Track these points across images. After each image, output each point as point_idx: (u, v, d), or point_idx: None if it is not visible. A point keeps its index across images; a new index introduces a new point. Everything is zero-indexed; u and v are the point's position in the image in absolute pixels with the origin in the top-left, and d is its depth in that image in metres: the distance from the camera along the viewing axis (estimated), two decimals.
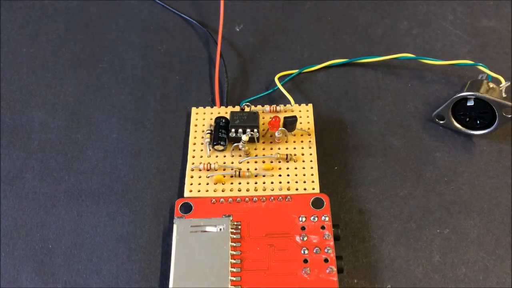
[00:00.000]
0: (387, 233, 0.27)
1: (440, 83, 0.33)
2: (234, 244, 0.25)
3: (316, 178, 0.27)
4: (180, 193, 0.28)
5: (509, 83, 0.29)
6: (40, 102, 0.32)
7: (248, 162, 0.28)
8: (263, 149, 0.29)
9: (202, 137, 0.29)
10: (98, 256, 0.26)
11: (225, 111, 0.30)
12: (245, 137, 0.28)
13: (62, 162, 0.30)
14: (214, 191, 0.27)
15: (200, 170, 0.28)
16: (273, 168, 0.28)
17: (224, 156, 0.28)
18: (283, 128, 0.28)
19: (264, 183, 0.27)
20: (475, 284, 0.25)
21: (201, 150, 0.29)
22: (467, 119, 0.29)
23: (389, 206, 0.27)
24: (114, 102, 0.32)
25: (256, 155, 0.28)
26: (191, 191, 0.27)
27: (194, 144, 0.29)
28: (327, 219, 0.25)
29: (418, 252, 0.26)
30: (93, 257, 0.26)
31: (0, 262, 0.26)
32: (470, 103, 0.28)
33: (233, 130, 0.28)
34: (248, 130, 0.28)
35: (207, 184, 0.27)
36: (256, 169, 0.28)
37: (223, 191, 0.27)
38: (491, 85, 0.28)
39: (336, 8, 0.37)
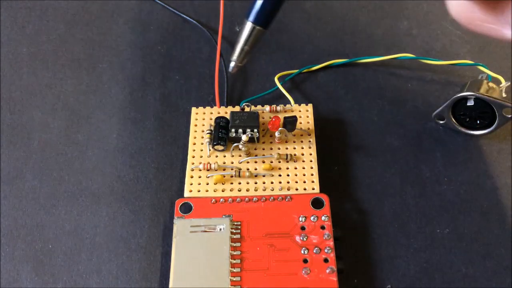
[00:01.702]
0: (387, 233, 0.27)
1: (440, 83, 0.33)
2: (234, 244, 0.25)
3: (316, 178, 0.27)
4: (180, 193, 0.28)
5: (509, 83, 0.29)
6: (40, 102, 0.32)
7: (248, 162, 0.28)
8: (263, 149, 0.29)
9: (202, 137, 0.29)
10: (98, 256, 0.26)
11: (225, 111, 0.30)
12: (245, 137, 0.28)
13: (62, 162, 0.30)
14: (214, 191, 0.27)
15: (200, 170, 0.28)
16: (273, 168, 0.28)
17: (224, 156, 0.28)
18: (283, 128, 0.28)
19: (264, 183, 0.27)
20: (475, 284, 0.25)
21: (201, 150, 0.29)
22: (467, 119, 0.29)
23: (389, 206, 0.27)
24: (114, 102, 0.32)
25: (256, 155, 0.28)
26: (191, 191, 0.27)
27: (194, 144, 0.29)
28: (327, 219, 0.25)
29: (418, 252, 0.26)
30: (93, 257, 0.26)
31: (0, 262, 0.26)
32: (470, 103, 0.28)
33: (233, 130, 0.28)
34: (248, 130, 0.28)
35: (207, 184, 0.27)
36: (256, 169, 0.28)
37: (223, 191, 0.27)
38: (491, 85, 0.28)
39: (336, 8, 0.37)
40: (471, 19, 0.17)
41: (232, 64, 0.24)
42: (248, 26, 0.23)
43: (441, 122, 0.30)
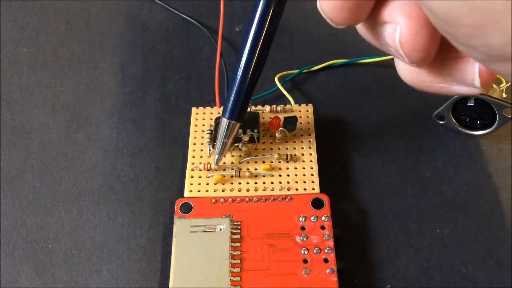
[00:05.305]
0: (387, 233, 0.27)
1: None
2: (234, 244, 0.25)
3: (316, 178, 0.27)
4: (180, 193, 0.28)
5: (509, 83, 0.29)
6: (40, 102, 0.32)
7: (248, 162, 0.28)
8: (263, 149, 0.29)
9: (202, 137, 0.29)
10: (98, 256, 0.26)
11: None
12: (245, 137, 0.28)
13: (62, 162, 0.30)
14: (214, 191, 0.27)
15: (200, 170, 0.28)
16: (273, 168, 0.28)
17: (224, 156, 0.28)
18: (283, 128, 0.28)
19: (264, 183, 0.27)
20: (475, 284, 0.25)
21: (201, 150, 0.29)
22: (467, 119, 0.29)
23: (389, 206, 0.27)
24: (114, 102, 0.32)
25: (256, 155, 0.28)
26: (191, 191, 0.27)
27: (194, 144, 0.29)
28: (327, 219, 0.25)
29: (418, 252, 0.26)
30: (93, 257, 0.26)
31: (0, 262, 0.26)
32: (470, 103, 0.28)
33: None
34: (248, 130, 0.28)
35: (207, 184, 0.27)
36: (256, 169, 0.28)
37: (223, 191, 0.27)
38: (492, 85, 0.28)
39: None
40: (421, 82, 0.18)
41: (216, 157, 0.27)
42: (224, 122, 0.26)
43: (441, 122, 0.30)
